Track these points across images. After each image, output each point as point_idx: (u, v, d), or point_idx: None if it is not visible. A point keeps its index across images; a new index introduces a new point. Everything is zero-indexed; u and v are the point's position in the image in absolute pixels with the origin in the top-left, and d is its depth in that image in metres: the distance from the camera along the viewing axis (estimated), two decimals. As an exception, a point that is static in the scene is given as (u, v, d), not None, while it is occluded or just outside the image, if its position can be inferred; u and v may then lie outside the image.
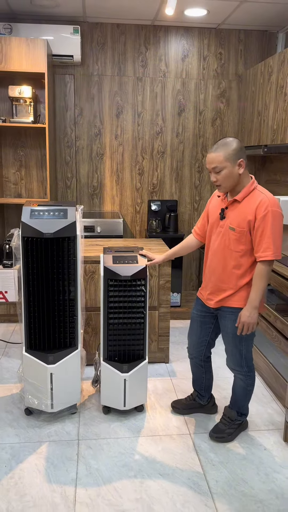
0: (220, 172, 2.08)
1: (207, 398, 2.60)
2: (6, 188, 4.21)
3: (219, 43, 4.23)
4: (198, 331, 2.43)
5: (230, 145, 2.06)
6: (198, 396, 2.61)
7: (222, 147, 2.06)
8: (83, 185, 4.36)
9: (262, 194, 2.09)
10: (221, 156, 2.05)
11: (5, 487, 2.01)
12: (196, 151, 4.40)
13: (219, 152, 2.06)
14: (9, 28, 3.80)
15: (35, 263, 2.33)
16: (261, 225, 2.04)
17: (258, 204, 2.06)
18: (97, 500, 1.95)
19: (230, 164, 2.06)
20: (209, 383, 2.57)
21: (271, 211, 2.03)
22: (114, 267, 2.40)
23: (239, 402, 2.39)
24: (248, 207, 2.09)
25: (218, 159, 2.06)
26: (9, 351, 3.38)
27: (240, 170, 2.08)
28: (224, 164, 2.06)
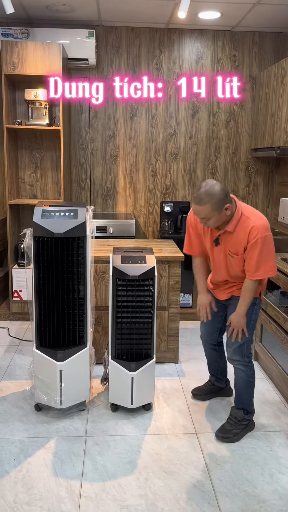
0: (207, 222, 2.14)
1: (224, 380, 2.75)
2: (22, 189, 4.30)
3: (233, 45, 4.24)
4: (210, 320, 2.52)
5: (214, 195, 2.06)
6: (217, 380, 2.75)
7: (207, 199, 2.06)
8: (97, 187, 4.42)
9: (251, 220, 2.14)
10: (208, 208, 2.08)
11: (13, 479, 2.07)
12: (210, 153, 4.41)
13: (205, 205, 2.07)
14: (26, 32, 3.89)
15: (46, 263, 2.39)
16: (251, 250, 2.13)
17: (250, 232, 2.11)
18: (102, 495, 1.99)
19: (217, 212, 2.10)
20: (224, 366, 2.71)
21: (261, 237, 2.10)
22: (122, 267, 2.44)
23: (243, 398, 2.42)
24: (241, 235, 2.16)
25: (206, 211, 2.09)
26: (22, 348, 3.46)
27: (227, 213, 2.13)
28: (212, 214, 2.10)
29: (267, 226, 2.13)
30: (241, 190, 4.50)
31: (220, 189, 2.08)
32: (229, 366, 2.97)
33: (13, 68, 3.66)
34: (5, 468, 2.14)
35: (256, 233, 2.09)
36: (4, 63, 3.64)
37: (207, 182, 2.11)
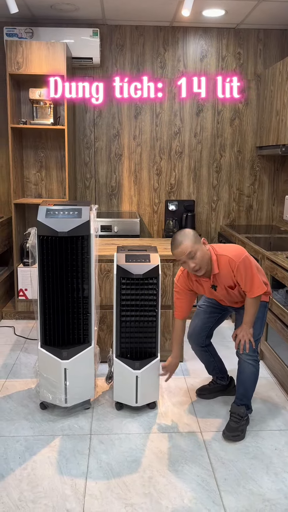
0: (195, 256, 2.24)
1: (226, 378, 2.78)
2: (27, 188, 4.31)
3: (238, 43, 4.22)
4: (204, 317, 2.60)
5: (188, 234, 2.25)
6: (219, 378, 2.77)
7: (184, 238, 2.24)
8: (101, 186, 4.43)
9: (225, 256, 2.28)
10: (189, 244, 2.22)
11: (18, 477, 2.08)
12: (214, 151, 4.40)
13: (185, 242, 2.23)
14: (31, 32, 3.90)
15: (50, 261, 2.40)
16: (238, 276, 2.28)
17: (230, 265, 2.28)
18: (107, 493, 1.99)
19: (199, 245, 2.25)
20: (220, 364, 2.74)
21: (240, 263, 2.25)
22: (126, 265, 2.44)
23: (249, 393, 2.45)
24: (226, 271, 2.30)
25: (188, 246, 2.22)
26: (28, 347, 3.47)
27: (206, 247, 2.29)
28: (195, 247, 2.24)
29: (239, 252, 2.29)
30: (246, 188, 4.49)
31: (190, 229, 2.30)
32: (229, 363, 2.97)
33: (18, 68, 3.67)
34: (10, 466, 2.15)
35: (234, 263, 2.26)
36: (8, 62, 3.65)
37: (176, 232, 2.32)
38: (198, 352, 2.68)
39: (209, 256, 2.28)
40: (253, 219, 4.57)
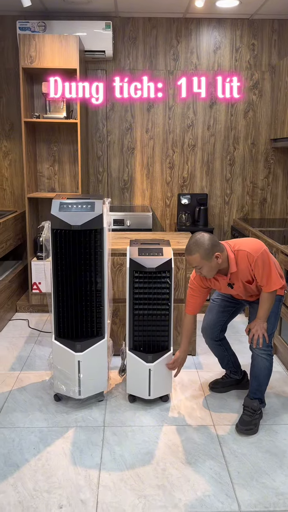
0: (201, 270, 2.27)
1: (240, 372, 2.76)
2: (40, 182, 4.33)
3: (252, 33, 4.17)
4: (218, 311, 2.60)
5: (202, 245, 2.22)
6: (232, 372, 2.76)
7: (195, 249, 2.22)
8: (114, 179, 4.42)
9: (243, 251, 2.27)
10: (198, 258, 2.23)
11: (33, 468, 2.10)
12: (228, 144, 4.36)
13: (194, 254, 2.23)
14: (43, 25, 3.90)
15: (63, 255, 2.41)
16: (256, 270, 2.28)
17: (248, 260, 2.27)
18: (120, 485, 2.01)
19: (207, 261, 2.24)
20: (234, 358, 2.73)
21: (257, 258, 2.24)
22: (139, 259, 2.44)
23: (262, 387, 2.44)
24: (243, 267, 2.29)
25: (196, 260, 2.24)
26: (42, 339, 3.50)
27: (218, 261, 2.25)
28: (201, 263, 2.24)
29: (258, 247, 2.28)
30: (260, 181, 4.45)
31: (208, 239, 2.24)
32: (242, 357, 2.97)
33: (31, 62, 3.67)
34: (25, 456, 2.18)
35: (252, 257, 2.26)
36: (22, 56, 3.66)
37: (196, 234, 2.28)
38: (211, 346, 2.68)
39: (219, 264, 2.26)
40: (267, 213, 4.53)
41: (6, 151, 4.33)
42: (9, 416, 2.49)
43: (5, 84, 4.20)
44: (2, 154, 4.34)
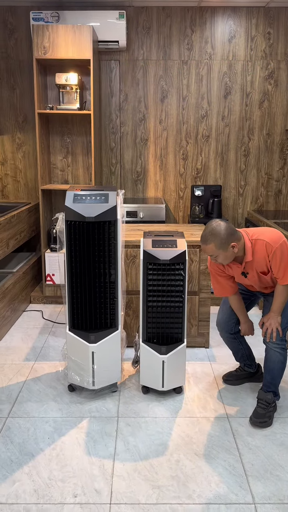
0: (216, 258, 2.24)
1: (254, 365, 2.74)
2: (53, 174, 4.34)
3: (268, 22, 4.09)
4: (230, 306, 2.56)
5: (218, 235, 2.17)
6: (246, 366, 2.74)
7: (211, 238, 2.18)
8: (127, 171, 4.41)
9: (262, 240, 2.23)
10: (213, 247, 2.20)
11: (47, 457, 2.13)
12: (243, 135, 4.31)
13: (210, 244, 2.19)
14: (57, 16, 3.87)
15: (77, 246, 2.41)
16: (273, 261, 2.24)
17: (266, 250, 2.23)
18: (134, 475, 2.02)
19: (223, 251, 2.20)
20: (249, 352, 2.71)
21: (277, 248, 2.21)
22: (153, 250, 2.44)
23: (276, 380, 2.42)
24: (260, 256, 2.25)
25: (211, 250, 2.21)
26: (56, 330, 3.53)
27: (235, 250, 2.22)
28: (217, 252, 2.21)
29: (277, 237, 2.24)
30: (275, 172, 4.39)
31: (225, 228, 2.19)
32: (257, 351, 2.95)
33: (44, 53, 3.66)
34: (40, 446, 2.20)
35: (271, 247, 2.22)
36: (35, 47, 3.65)
37: (213, 222, 2.23)
38: (226, 339, 2.66)
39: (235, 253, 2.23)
40: (282, 204, 4.47)
41: (20, 143, 4.34)
42: (23, 406, 2.52)
43: (18, 75, 4.20)
44: (16, 146, 4.35)
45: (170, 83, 4.21)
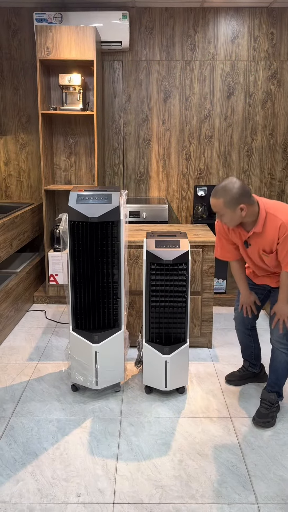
0: (222, 217, 2.15)
1: (258, 366, 2.73)
2: (57, 175, 4.35)
3: (271, 22, 4.09)
4: None
5: (229, 192, 2.08)
6: (251, 366, 2.73)
7: (221, 193, 2.10)
8: (130, 171, 4.42)
9: (278, 218, 2.13)
10: (221, 203, 2.10)
11: (51, 456, 2.14)
12: (246, 135, 4.31)
13: (219, 198, 2.11)
14: (60, 17, 3.89)
15: (81, 246, 2.42)
16: (282, 244, 2.15)
17: (279, 229, 2.13)
18: (137, 475, 2.03)
19: (229, 210, 2.11)
20: (258, 351, 2.70)
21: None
22: (156, 251, 2.44)
23: (281, 381, 2.42)
24: (270, 233, 2.17)
25: (219, 205, 2.12)
26: (59, 330, 3.54)
27: (242, 214, 2.12)
28: (223, 210, 2.11)
29: None
30: (278, 172, 4.39)
31: (238, 187, 2.09)
32: (264, 352, 2.94)
33: (48, 53, 3.67)
34: (44, 445, 2.21)
35: (285, 229, 2.12)
36: (38, 48, 3.66)
37: (229, 178, 2.14)
38: (241, 334, 2.65)
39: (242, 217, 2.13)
40: (285, 205, 4.47)
41: (23, 143, 4.36)
42: (27, 405, 2.53)
43: (22, 76, 4.22)
44: (19, 146, 4.37)
45: (173, 84, 4.21)
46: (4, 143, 4.36)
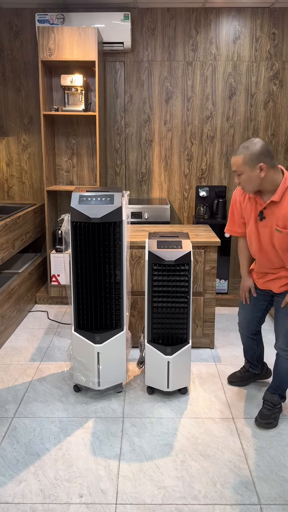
0: (240, 176, 2.11)
1: (259, 367, 2.71)
2: (59, 175, 4.35)
3: (273, 22, 4.09)
4: (251, 306, 2.51)
5: (251, 149, 2.05)
6: (251, 367, 2.72)
7: (242, 150, 2.07)
8: (131, 172, 4.42)
9: None
10: (240, 160, 2.07)
11: (53, 457, 2.14)
12: (248, 135, 4.31)
13: (239, 155, 2.07)
14: (62, 18, 3.89)
15: (83, 247, 2.42)
16: None
17: None
18: (139, 475, 2.02)
19: (248, 168, 2.06)
20: (260, 353, 2.68)
21: None
22: (158, 251, 2.44)
23: (284, 385, 2.40)
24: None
25: (238, 162, 2.08)
26: (61, 331, 3.54)
27: (261, 174, 2.06)
28: (242, 168, 2.07)
29: None
30: (279, 173, 4.38)
31: (260, 146, 2.04)
32: (268, 352, 2.94)
33: (50, 54, 3.67)
34: (46, 446, 2.21)
35: None
36: (40, 49, 3.66)
37: (254, 138, 2.10)
38: (244, 338, 2.64)
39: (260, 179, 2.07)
40: (287, 205, 4.46)
41: (25, 144, 4.36)
42: (29, 406, 2.53)
43: (24, 77, 4.22)
44: (21, 147, 4.37)
45: (175, 84, 4.21)
46: (6, 144, 4.37)
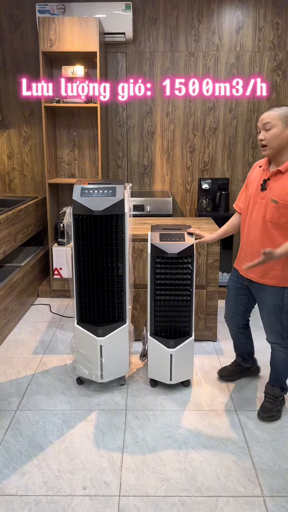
0: (269, 130, 2.08)
1: (251, 361, 2.70)
2: (60, 168, 4.33)
3: (276, 12, 4.03)
4: (233, 300, 2.50)
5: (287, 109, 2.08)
6: (243, 361, 2.70)
7: (278, 108, 2.09)
8: (133, 164, 4.39)
9: None
10: (275, 114, 2.07)
11: (56, 449, 2.14)
12: (250, 127, 4.27)
13: (275, 111, 2.09)
14: (63, 8, 3.85)
15: (85, 240, 2.41)
16: None
17: None
18: (142, 468, 2.03)
19: (281, 124, 2.06)
20: (251, 347, 2.66)
21: None
22: (161, 244, 2.43)
23: (282, 377, 2.40)
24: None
25: (274, 115, 2.07)
26: (64, 324, 3.54)
27: None
28: (276, 122, 2.07)
29: None
30: (282, 165, 4.35)
31: None
32: (258, 347, 2.94)
33: (50, 45, 3.64)
34: (49, 438, 2.22)
35: None
36: (41, 40, 3.63)
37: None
38: (233, 332, 2.63)
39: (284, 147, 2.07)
40: (290, 197, 4.43)
41: (26, 136, 4.34)
42: (32, 398, 2.54)
43: (24, 68, 4.19)
44: (23, 139, 4.35)
45: (177, 75, 4.17)
46: (7, 137, 4.34)
